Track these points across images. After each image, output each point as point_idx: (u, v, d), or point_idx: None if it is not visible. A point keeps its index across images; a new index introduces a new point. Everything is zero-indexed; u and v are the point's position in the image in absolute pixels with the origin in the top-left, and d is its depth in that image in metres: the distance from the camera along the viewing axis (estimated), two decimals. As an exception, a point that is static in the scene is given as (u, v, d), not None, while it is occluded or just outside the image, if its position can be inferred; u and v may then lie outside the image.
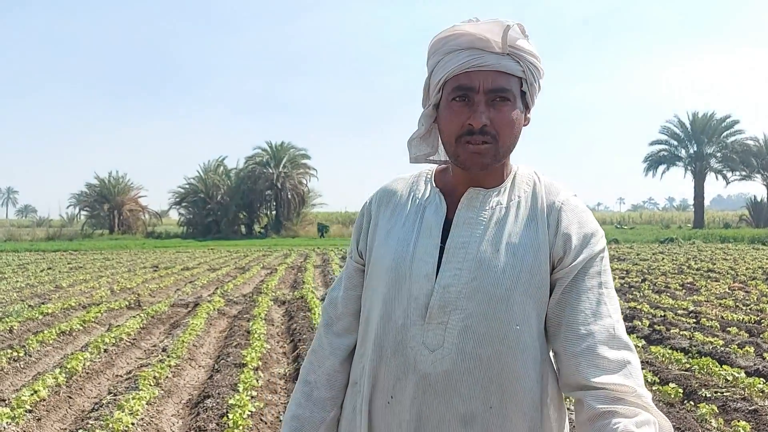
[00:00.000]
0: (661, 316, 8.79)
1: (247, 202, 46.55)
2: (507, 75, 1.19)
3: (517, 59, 1.20)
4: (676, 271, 15.74)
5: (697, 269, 16.22)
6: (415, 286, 1.22)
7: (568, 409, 1.27)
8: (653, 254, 22.61)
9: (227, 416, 4.33)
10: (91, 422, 4.43)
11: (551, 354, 1.27)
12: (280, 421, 4.69)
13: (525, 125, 1.26)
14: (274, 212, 47.60)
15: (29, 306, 10.55)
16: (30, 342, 6.98)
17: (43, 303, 10.94)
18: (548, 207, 1.25)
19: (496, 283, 1.18)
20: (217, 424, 4.38)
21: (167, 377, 5.63)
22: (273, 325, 8.68)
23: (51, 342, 7.28)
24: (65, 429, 4.65)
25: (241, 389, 4.97)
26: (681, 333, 7.43)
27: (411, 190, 1.35)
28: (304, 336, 7.28)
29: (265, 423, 4.57)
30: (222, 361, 6.24)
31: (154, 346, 7.36)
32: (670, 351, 6.37)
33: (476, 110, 1.18)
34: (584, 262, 1.21)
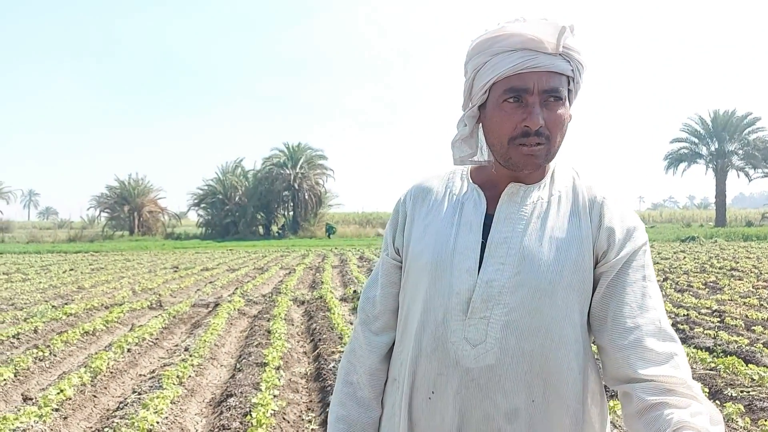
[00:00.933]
0: (684, 315, 8.69)
1: (265, 203, 46.79)
2: (559, 75, 1.20)
3: (567, 59, 1.20)
4: (698, 270, 15.55)
5: (720, 268, 16.02)
6: (456, 280, 1.22)
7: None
8: (674, 253, 22.38)
9: (250, 415, 4.36)
10: (116, 421, 4.47)
11: (595, 348, 1.27)
12: (303, 419, 4.70)
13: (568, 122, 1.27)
14: (291, 213, 47.79)
15: (53, 306, 10.69)
16: (54, 342, 7.08)
17: (66, 303, 11.09)
18: (590, 202, 1.25)
19: (540, 277, 1.19)
20: (241, 423, 4.40)
21: (190, 376, 5.67)
22: (293, 324, 8.71)
23: (75, 342, 7.38)
24: (91, 427, 4.70)
25: (263, 388, 4.99)
26: (705, 332, 7.33)
27: (447, 186, 1.35)
28: (324, 336, 7.30)
29: (288, 422, 4.58)
30: (243, 360, 6.28)
31: (176, 345, 7.42)
32: (694, 350, 6.30)
33: (532, 112, 1.18)
34: (628, 256, 1.21)
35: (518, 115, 1.19)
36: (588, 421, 1.24)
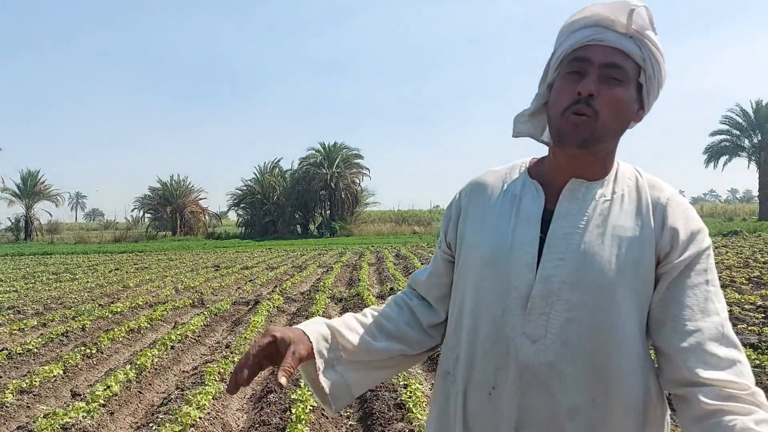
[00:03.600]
0: (727, 311, 8.49)
1: (302, 203, 47.22)
2: (625, 55, 1.19)
3: (639, 44, 1.19)
4: (741, 265, 15.14)
5: (764, 262, 15.56)
6: (514, 275, 1.21)
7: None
8: (716, 248, 21.80)
9: (290, 410, 4.45)
10: (161, 416, 4.61)
11: (652, 351, 1.24)
12: (341, 415, 4.77)
13: (636, 121, 1.25)
14: (328, 212, 48.12)
15: (99, 305, 11.03)
16: (101, 339, 7.31)
17: (112, 302, 11.42)
18: (653, 202, 1.23)
19: (602, 275, 1.17)
20: (281, 419, 4.49)
21: (231, 373, 5.79)
22: (331, 322, 8.79)
23: (121, 339, 7.61)
24: (136, 422, 4.85)
25: (302, 385, 5.08)
26: (749, 328, 7.18)
27: (504, 181, 1.34)
28: (362, 333, 7.36)
29: (326, 418, 4.66)
30: (283, 357, 6.37)
31: (218, 342, 7.57)
32: (737, 347, 6.17)
33: (586, 79, 1.19)
34: (691, 259, 1.19)
35: (575, 85, 1.20)
36: (650, 424, 1.21)
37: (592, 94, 1.17)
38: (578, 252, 1.18)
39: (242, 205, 48.94)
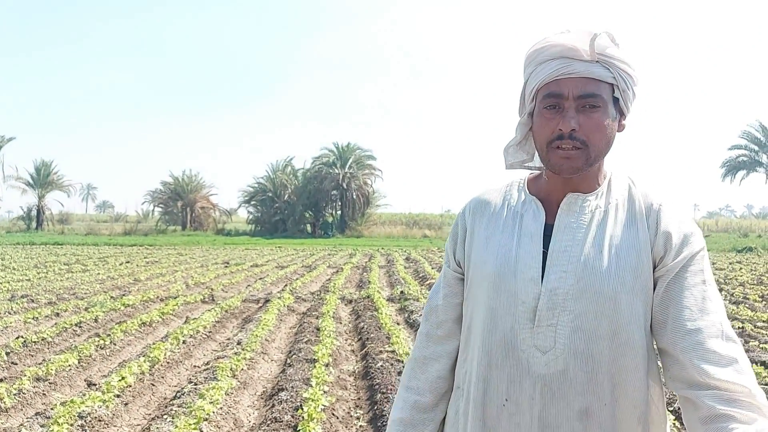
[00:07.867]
0: (739, 327, 8.47)
1: (313, 202, 47.34)
2: (596, 81, 1.24)
3: (606, 66, 1.24)
4: (755, 282, 15.06)
5: (779, 280, 15.47)
6: (521, 290, 1.27)
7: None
8: (730, 264, 21.69)
9: (302, 409, 4.48)
10: (174, 409, 4.66)
11: (657, 352, 1.30)
12: (351, 416, 4.81)
13: (619, 131, 1.31)
14: (339, 212, 48.22)
15: (111, 297, 11.11)
16: (114, 331, 7.39)
17: (123, 295, 11.51)
18: (647, 209, 1.30)
19: (602, 284, 1.23)
20: (292, 417, 4.53)
21: (243, 369, 5.85)
22: (341, 323, 8.84)
23: (133, 332, 7.68)
24: (150, 414, 4.91)
25: (314, 384, 5.11)
26: (761, 346, 7.15)
27: (505, 198, 1.40)
28: (372, 335, 7.41)
29: (337, 417, 4.69)
30: (294, 356, 6.43)
31: (229, 339, 7.62)
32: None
33: (565, 116, 1.24)
34: (685, 260, 1.25)
35: (555, 120, 1.25)
36: (654, 422, 1.29)
37: (575, 129, 1.23)
38: (579, 263, 1.25)
39: (253, 203, 49.07)
